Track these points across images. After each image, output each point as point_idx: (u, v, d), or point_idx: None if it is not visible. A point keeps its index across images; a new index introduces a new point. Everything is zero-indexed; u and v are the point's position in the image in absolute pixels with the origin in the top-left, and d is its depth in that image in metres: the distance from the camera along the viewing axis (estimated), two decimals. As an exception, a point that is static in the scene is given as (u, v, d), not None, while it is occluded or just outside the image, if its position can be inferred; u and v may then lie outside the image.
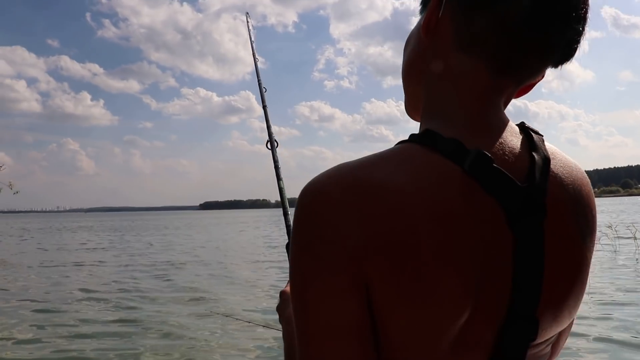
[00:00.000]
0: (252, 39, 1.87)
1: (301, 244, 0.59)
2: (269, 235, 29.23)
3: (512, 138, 0.66)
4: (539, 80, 0.72)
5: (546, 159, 0.65)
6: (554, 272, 0.63)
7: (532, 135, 0.68)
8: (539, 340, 0.65)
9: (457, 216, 0.58)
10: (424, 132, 0.64)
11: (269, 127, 1.50)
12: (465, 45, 0.66)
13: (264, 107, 1.58)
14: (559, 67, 0.69)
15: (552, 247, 0.63)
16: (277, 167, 1.41)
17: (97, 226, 51.95)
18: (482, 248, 0.59)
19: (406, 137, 0.66)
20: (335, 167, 0.62)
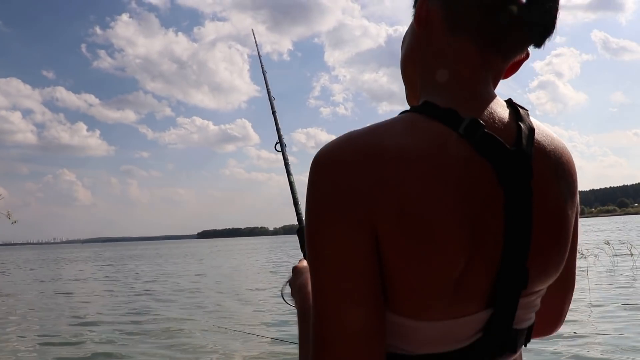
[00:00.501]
0: (259, 51, 1.97)
1: (317, 201, 0.66)
2: (271, 261, 29.04)
3: (501, 110, 0.74)
4: (524, 59, 0.81)
5: (531, 129, 0.74)
6: (540, 227, 0.71)
7: (518, 109, 0.76)
8: (529, 290, 0.73)
9: (455, 174, 0.66)
10: (423, 103, 0.72)
11: (278, 130, 1.60)
12: (453, 28, 0.75)
13: (274, 113, 1.69)
14: (542, 45, 0.76)
15: (538, 205, 0.71)
16: (287, 164, 1.51)
17: (93, 257, 51.56)
18: (477, 203, 0.67)
19: None
20: (344, 135, 0.69)
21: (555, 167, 0.75)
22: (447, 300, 0.66)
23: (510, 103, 0.77)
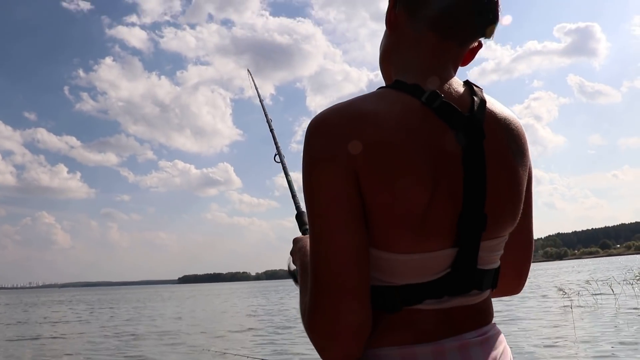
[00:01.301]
0: (256, 86, 2.12)
1: (310, 154, 0.84)
2: (252, 305, 28.30)
3: (457, 86, 0.93)
4: (477, 48, 1.00)
5: (483, 100, 0.91)
6: (494, 178, 0.87)
7: (474, 87, 0.94)
8: (489, 234, 0.88)
9: (420, 131, 0.84)
10: (394, 82, 0.92)
11: (276, 143, 1.75)
12: (416, 24, 0.94)
13: (272, 131, 1.86)
14: (491, 36, 0.97)
15: (491, 160, 0.87)
16: (285, 167, 1.68)
17: (68, 300, 49.90)
18: (438, 155, 0.83)
19: None
20: (329, 107, 0.88)
21: (505, 131, 0.92)
22: (417, 234, 0.82)
23: (467, 83, 0.95)
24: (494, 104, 0.93)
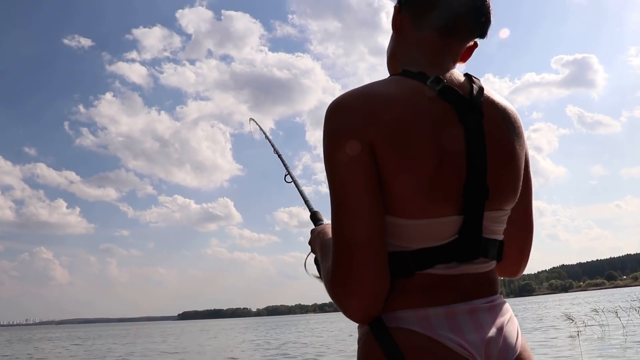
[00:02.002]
0: (265, 132, 2.16)
1: (330, 133, 0.97)
2: (252, 341, 27.62)
3: (458, 76, 1.05)
4: (474, 47, 1.15)
5: (481, 87, 1.04)
6: (493, 154, 0.99)
7: (472, 77, 1.06)
8: (492, 205, 0.99)
9: (426, 110, 0.96)
10: (402, 71, 1.05)
11: (285, 165, 1.82)
12: (419, 27, 1.09)
13: (280, 156, 1.93)
14: (484, 36, 1.11)
15: (490, 138, 0.99)
16: (296, 182, 1.75)
17: (64, 337, 48.84)
18: (443, 131, 0.95)
19: None
20: (346, 91, 1.01)
21: (502, 114, 1.04)
22: (426, 200, 0.93)
23: (467, 74, 1.07)
24: (491, 91, 1.06)
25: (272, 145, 2.00)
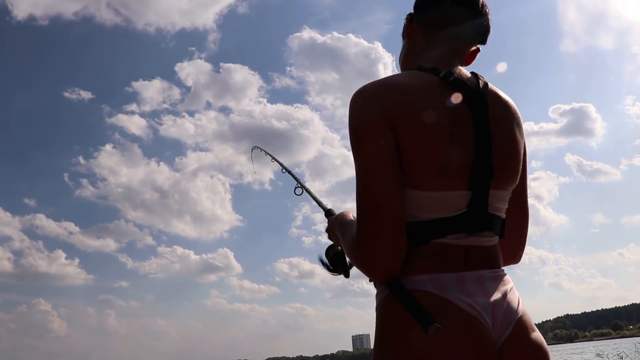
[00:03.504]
0: (273, 155, 2.36)
1: (355, 117, 1.12)
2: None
3: (465, 72, 1.22)
4: (477, 52, 1.33)
5: (486, 83, 1.20)
6: (497, 139, 1.14)
7: (477, 74, 1.22)
8: (496, 184, 1.13)
9: (439, 98, 1.11)
10: (416, 67, 1.21)
11: (296, 178, 1.96)
12: (429, 32, 1.28)
13: (290, 171, 2.04)
14: (485, 42, 1.31)
15: (494, 125, 1.14)
16: (308, 190, 1.85)
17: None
18: (454, 118, 1.11)
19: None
20: (366, 83, 1.17)
21: (504, 105, 1.21)
22: (439, 175, 1.07)
23: (472, 72, 1.23)
24: (494, 87, 1.22)
25: (281, 164, 2.12)
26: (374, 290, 1.18)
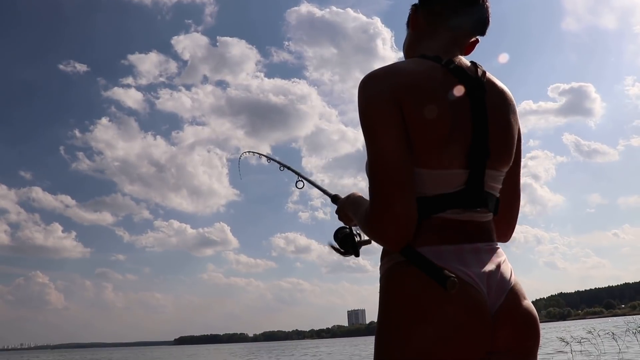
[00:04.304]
0: (262, 154, 2.41)
1: (365, 99, 1.21)
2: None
3: (465, 61, 1.30)
4: (476, 42, 1.41)
5: (484, 71, 1.29)
6: (492, 122, 1.24)
7: (476, 63, 1.31)
8: (492, 165, 1.23)
9: (441, 83, 1.21)
10: (420, 55, 1.30)
11: (297, 173, 2.04)
12: (432, 23, 1.36)
13: (289, 167, 2.12)
14: (484, 33, 1.39)
15: (490, 110, 1.24)
16: (313, 182, 1.95)
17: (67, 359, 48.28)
18: (454, 103, 1.19)
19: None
20: (374, 69, 1.25)
21: (500, 93, 1.31)
22: (441, 154, 1.17)
23: (472, 62, 1.32)
24: (492, 76, 1.33)
25: (279, 162, 2.15)
26: (369, 266, 1.37)
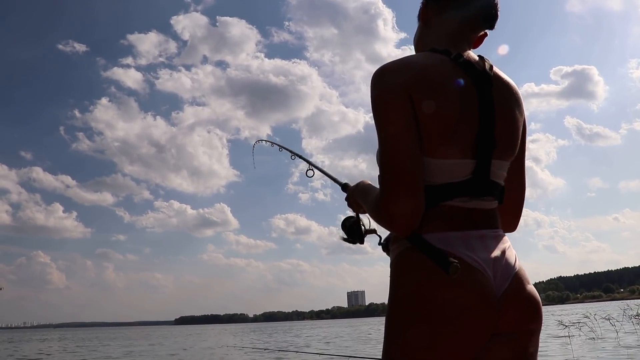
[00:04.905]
0: (275, 142, 2.36)
1: (378, 90, 1.25)
2: (252, 341, 27.70)
3: (473, 55, 1.36)
4: (484, 36, 1.45)
5: (491, 65, 1.34)
6: (499, 115, 1.28)
7: (484, 57, 1.36)
8: (498, 155, 1.27)
9: (450, 76, 1.25)
10: (430, 48, 1.34)
11: (307, 160, 2.03)
12: (442, 17, 1.39)
13: (300, 156, 2.10)
14: (492, 27, 1.42)
15: (497, 102, 1.28)
16: (324, 171, 1.92)
17: (58, 338, 48.82)
18: (462, 95, 1.24)
19: (385, 256, 1.39)
20: (386, 62, 1.29)
21: (506, 86, 1.35)
22: (449, 144, 1.21)
23: (479, 56, 1.37)
24: (499, 70, 1.37)
25: (291, 151, 2.17)
26: (369, 249, 1.32)
